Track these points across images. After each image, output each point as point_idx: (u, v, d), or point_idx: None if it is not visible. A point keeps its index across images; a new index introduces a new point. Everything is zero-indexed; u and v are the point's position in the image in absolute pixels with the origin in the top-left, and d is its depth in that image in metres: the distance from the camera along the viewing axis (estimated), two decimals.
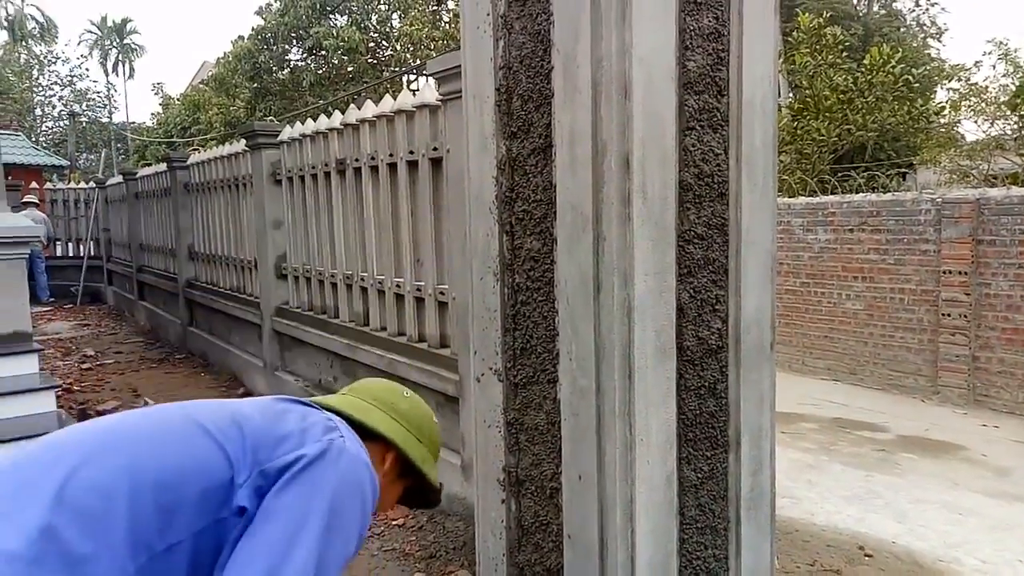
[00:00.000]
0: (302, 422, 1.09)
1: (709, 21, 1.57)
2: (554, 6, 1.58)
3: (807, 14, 11.63)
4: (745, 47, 1.61)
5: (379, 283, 3.99)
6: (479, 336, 1.89)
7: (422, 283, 3.61)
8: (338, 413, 1.19)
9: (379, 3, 18.77)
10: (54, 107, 35.29)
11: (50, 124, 35.38)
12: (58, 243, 12.35)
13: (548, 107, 1.62)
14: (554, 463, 1.69)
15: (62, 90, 35.57)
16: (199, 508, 0.95)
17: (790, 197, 8.25)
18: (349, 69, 18.97)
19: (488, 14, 1.75)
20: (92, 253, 11.72)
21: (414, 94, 3.66)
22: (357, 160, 4.11)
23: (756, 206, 1.68)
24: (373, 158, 3.95)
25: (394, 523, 3.24)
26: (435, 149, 3.42)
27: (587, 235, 1.55)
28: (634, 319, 1.51)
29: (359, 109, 4.11)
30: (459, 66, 2.09)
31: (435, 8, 17.87)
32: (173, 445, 0.99)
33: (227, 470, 0.98)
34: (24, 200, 10.79)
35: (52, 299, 11.13)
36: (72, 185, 13.56)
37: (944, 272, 6.06)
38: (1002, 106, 12.22)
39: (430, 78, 3.24)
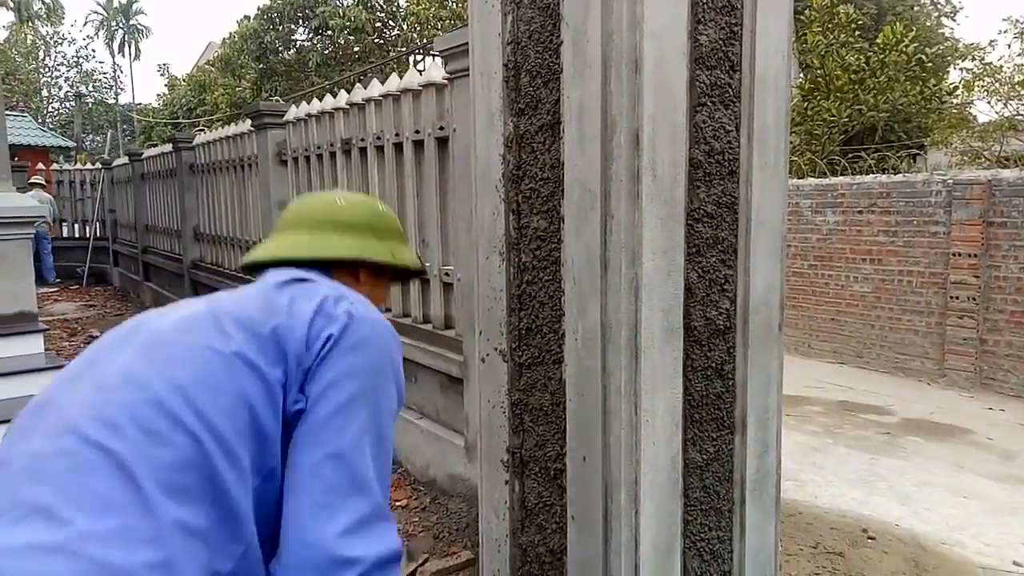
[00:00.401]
0: (310, 303, 1.05)
1: None
2: None
3: None
4: (759, 21, 1.57)
5: None
6: (484, 316, 1.87)
7: (427, 263, 3.60)
8: (296, 263, 1.17)
9: None
10: (60, 88, 35.25)
11: (56, 105, 35.35)
12: (64, 224, 12.38)
13: (557, 83, 1.59)
14: (558, 444, 1.68)
15: (68, 71, 35.50)
16: (276, 434, 0.96)
17: (799, 178, 8.18)
18: (355, 49, 18.81)
19: None
20: (98, 234, 11.74)
21: (420, 74, 3.62)
22: (363, 140, 4.08)
23: (767, 185, 1.65)
24: (379, 138, 3.92)
25: (397, 504, 3.25)
26: (441, 128, 3.38)
27: (595, 213, 1.52)
28: (641, 298, 1.49)
29: (365, 89, 4.07)
30: (466, 44, 2.06)
31: None
32: (225, 386, 0.94)
33: (280, 392, 0.97)
34: (31, 181, 10.81)
35: (58, 280, 11.18)
36: (78, 166, 13.54)
37: (954, 254, 6.00)
38: (1016, 86, 12.02)
39: (437, 57, 3.20)
